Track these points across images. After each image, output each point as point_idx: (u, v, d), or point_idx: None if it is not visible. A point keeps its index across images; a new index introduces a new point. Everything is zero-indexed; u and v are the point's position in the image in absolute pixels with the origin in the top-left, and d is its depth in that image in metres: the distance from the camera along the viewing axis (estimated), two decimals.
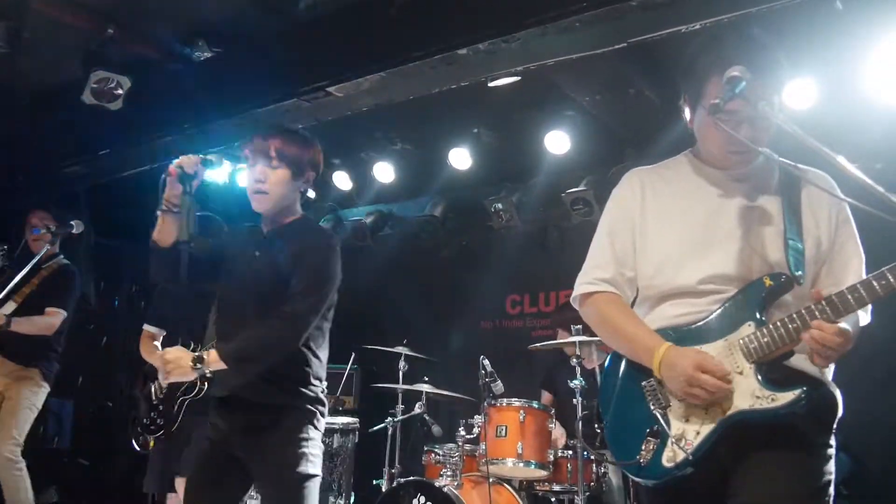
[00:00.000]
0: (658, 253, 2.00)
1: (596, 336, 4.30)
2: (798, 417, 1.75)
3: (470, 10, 3.75)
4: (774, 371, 1.80)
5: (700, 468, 1.80)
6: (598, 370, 4.91)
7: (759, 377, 1.78)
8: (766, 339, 1.79)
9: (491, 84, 4.37)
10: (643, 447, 1.88)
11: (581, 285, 2.12)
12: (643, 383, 1.95)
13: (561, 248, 6.42)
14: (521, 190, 6.18)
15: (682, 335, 1.92)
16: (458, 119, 5.66)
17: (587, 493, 3.94)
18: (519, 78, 4.35)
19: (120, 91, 4.53)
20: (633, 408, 1.96)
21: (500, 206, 6.13)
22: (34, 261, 3.82)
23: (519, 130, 5.73)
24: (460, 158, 5.83)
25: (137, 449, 3.90)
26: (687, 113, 2.04)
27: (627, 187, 2.16)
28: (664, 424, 1.86)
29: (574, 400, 4.03)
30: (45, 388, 4.45)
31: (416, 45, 3.87)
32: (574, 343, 4.11)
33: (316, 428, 2.52)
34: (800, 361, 1.83)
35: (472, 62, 3.83)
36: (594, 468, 4.18)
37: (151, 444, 3.83)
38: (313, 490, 2.46)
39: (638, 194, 2.11)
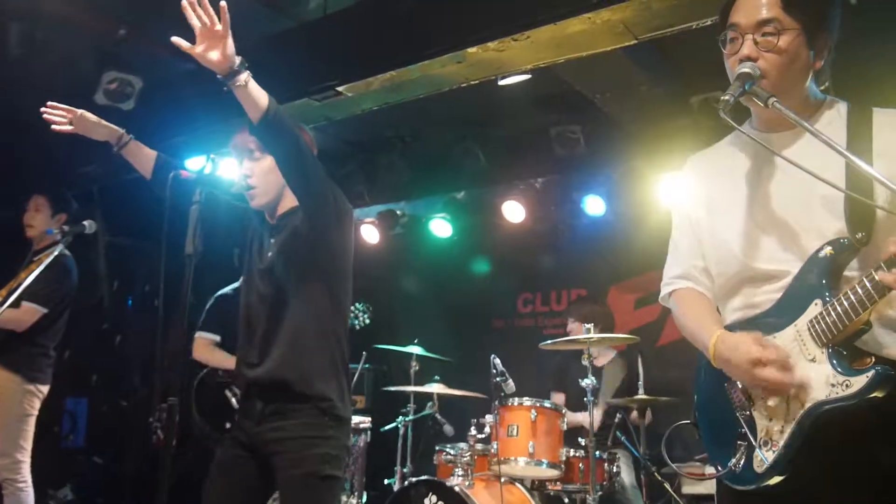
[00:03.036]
0: (717, 242, 1.93)
1: (606, 333, 4.31)
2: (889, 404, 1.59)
3: (480, 9, 3.74)
4: (850, 354, 1.65)
5: (792, 474, 1.67)
6: (607, 368, 4.91)
7: (834, 362, 1.63)
8: (832, 319, 1.63)
9: (501, 82, 4.36)
10: (735, 452, 1.79)
11: (663, 287, 2.07)
12: (725, 384, 1.86)
13: (572, 247, 6.41)
14: (532, 188, 6.17)
15: (752, 326, 1.80)
16: (469, 117, 5.66)
17: (599, 493, 3.93)
18: (529, 76, 4.34)
19: (132, 91, 4.56)
20: (721, 411, 1.86)
21: (511, 203, 6.13)
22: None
23: (529, 129, 5.72)
24: (471, 157, 5.83)
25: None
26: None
27: (683, 178, 2.11)
28: (748, 429, 1.77)
29: (585, 398, 4.01)
30: (32, 390, 4.18)
31: (426, 43, 3.87)
32: (585, 341, 4.09)
33: (338, 423, 2.46)
34: (880, 336, 1.68)
35: (481, 60, 3.82)
36: (606, 467, 4.16)
37: None
38: (332, 492, 2.42)
39: (692, 182, 2.05)
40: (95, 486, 6.47)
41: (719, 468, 1.84)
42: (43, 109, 2.71)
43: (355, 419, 4.48)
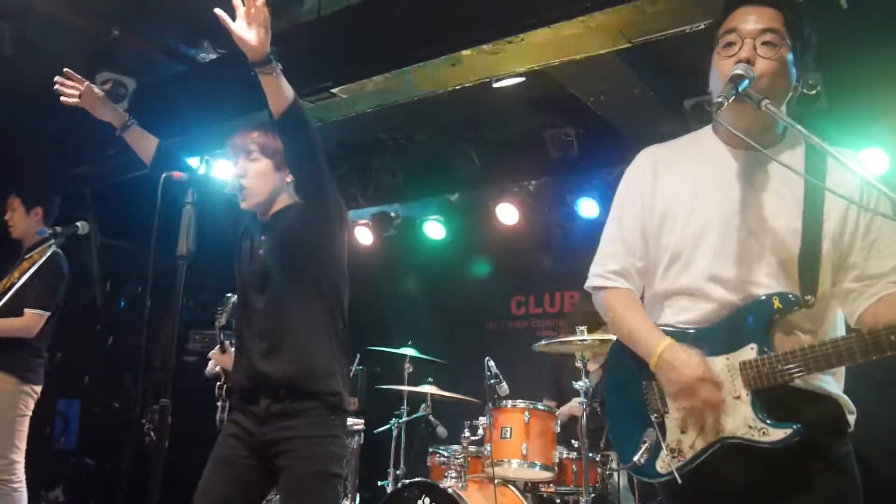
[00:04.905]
0: (667, 246, 1.92)
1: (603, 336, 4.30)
2: (813, 432, 1.68)
3: (474, 11, 3.74)
4: (773, 393, 1.72)
5: (712, 474, 1.77)
6: (597, 372, 4.90)
7: (755, 406, 1.72)
8: (765, 371, 1.71)
9: (496, 85, 4.36)
10: (640, 447, 1.86)
11: (593, 277, 2.05)
12: (643, 383, 1.90)
13: (566, 249, 6.42)
14: (526, 190, 6.18)
15: (687, 337, 1.84)
16: (463, 120, 5.66)
17: (592, 495, 3.92)
18: (524, 79, 4.34)
19: (125, 92, 4.54)
20: (633, 406, 1.92)
21: (505, 206, 6.14)
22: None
23: (523, 131, 5.72)
24: (465, 159, 5.83)
25: None
26: (710, 80, 1.91)
27: (639, 166, 2.06)
28: (659, 433, 1.84)
29: (579, 402, 4.01)
30: (27, 390, 4.17)
31: (421, 45, 3.87)
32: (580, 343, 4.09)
33: (342, 419, 2.51)
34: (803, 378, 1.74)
35: (476, 63, 3.82)
36: (599, 469, 4.16)
37: None
38: (336, 491, 2.45)
39: (649, 174, 2.00)
40: (87, 487, 6.44)
41: (616, 457, 1.96)
42: (57, 79, 2.71)
43: (349, 421, 4.48)
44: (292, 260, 2.51)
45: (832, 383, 1.79)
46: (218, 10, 2.27)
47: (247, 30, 2.25)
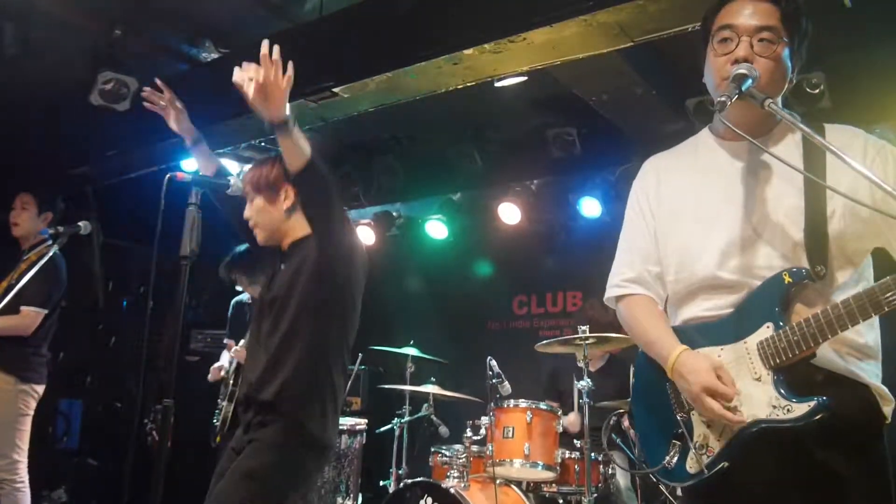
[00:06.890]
0: (677, 245, 1.94)
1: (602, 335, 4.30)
2: (841, 421, 1.64)
3: (476, 10, 3.73)
4: (797, 374, 1.69)
5: (739, 471, 1.74)
6: (599, 373, 4.90)
7: (778, 384, 1.68)
8: (782, 345, 1.68)
9: (498, 84, 4.36)
10: (669, 450, 1.85)
11: (610, 287, 2.08)
12: (667, 384, 1.90)
13: (568, 249, 6.42)
14: (528, 190, 6.18)
15: (702, 331, 1.85)
16: (465, 119, 5.66)
17: (595, 495, 3.93)
18: (526, 78, 4.33)
19: (127, 92, 4.54)
20: (660, 409, 1.91)
21: (507, 205, 6.14)
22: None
23: (525, 130, 5.72)
24: (467, 159, 5.83)
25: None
26: (706, 76, 1.91)
27: (643, 177, 2.10)
28: (686, 431, 1.82)
29: (580, 400, 4.01)
30: (27, 390, 4.17)
31: (422, 45, 3.86)
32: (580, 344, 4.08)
33: (308, 446, 2.50)
34: (831, 356, 1.71)
35: (478, 62, 3.81)
36: (601, 469, 4.16)
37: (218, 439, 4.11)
38: (253, 492, 2.39)
39: (652, 183, 2.04)
40: (90, 487, 6.44)
41: (647, 462, 1.93)
42: (145, 90, 2.86)
43: (351, 421, 4.48)
44: (300, 293, 2.57)
45: (867, 370, 1.75)
46: (235, 79, 2.27)
47: (264, 99, 2.26)
